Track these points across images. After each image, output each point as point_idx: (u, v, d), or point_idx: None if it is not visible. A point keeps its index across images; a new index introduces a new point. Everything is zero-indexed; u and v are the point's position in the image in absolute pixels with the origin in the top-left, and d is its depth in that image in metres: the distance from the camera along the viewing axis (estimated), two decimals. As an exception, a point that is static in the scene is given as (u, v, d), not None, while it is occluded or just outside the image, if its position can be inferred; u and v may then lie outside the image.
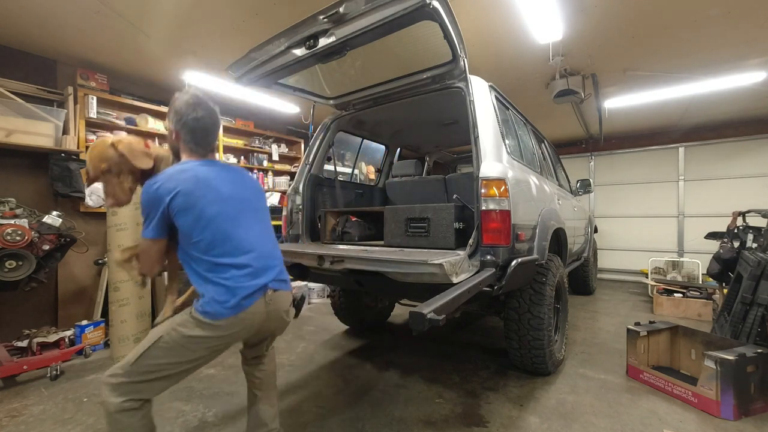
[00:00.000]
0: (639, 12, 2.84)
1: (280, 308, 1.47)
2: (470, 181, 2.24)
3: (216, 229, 1.35)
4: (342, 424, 2.03)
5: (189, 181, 1.35)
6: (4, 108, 3.08)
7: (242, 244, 1.39)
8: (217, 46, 3.31)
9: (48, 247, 2.80)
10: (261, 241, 1.47)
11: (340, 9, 1.75)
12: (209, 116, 1.49)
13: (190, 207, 1.32)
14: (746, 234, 3.43)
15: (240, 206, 1.46)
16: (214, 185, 1.40)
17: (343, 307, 3.55)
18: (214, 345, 1.35)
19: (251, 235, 1.44)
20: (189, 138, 1.46)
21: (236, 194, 1.46)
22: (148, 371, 1.28)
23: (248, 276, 1.35)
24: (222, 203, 1.39)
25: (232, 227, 1.38)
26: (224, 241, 1.35)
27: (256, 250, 1.42)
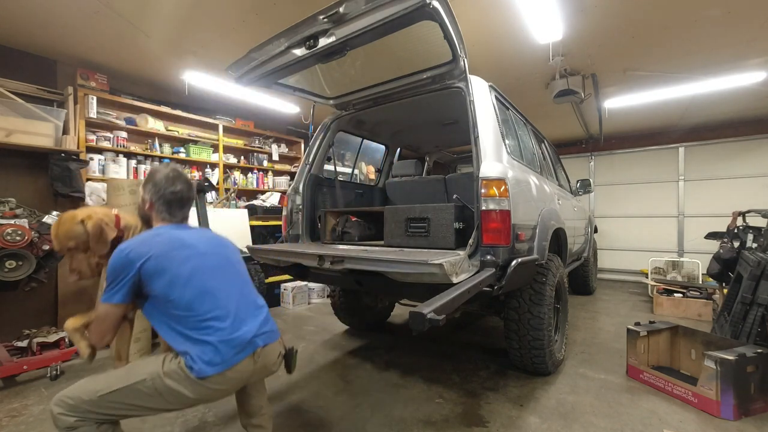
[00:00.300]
0: (639, 12, 2.84)
1: (268, 363, 1.45)
2: (470, 181, 2.23)
3: (195, 285, 1.32)
4: (342, 424, 2.03)
5: (162, 244, 1.34)
6: (4, 108, 3.08)
7: (224, 298, 1.36)
8: (217, 46, 3.31)
9: (48, 247, 2.80)
10: (243, 293, 1.46)
11: (340, 9, 1.75)
12: (187, 189, 1.53)
13: (164, 269, 1.29)
14: (746, 234, 3.43)
15: (217, 261, 1.45)
16: (188, 243, 1.41)
17: (343, 307, 3.55)
18: (193, 402, 1.30)
19: (233, 289, 1.43)
20: (164, 209, 1.49)
21: (212, 250, 1.47)
22: (116, 407, 1.24)
23: (233, 330, 1.32)
24: (198, 258, 1.39)
25: (212, 281, 1.37)
26: (205, 296, 1.32)
27: (239, 303, 1.40)
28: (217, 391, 1.31)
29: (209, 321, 1.30)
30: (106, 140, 3.82)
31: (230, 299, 1.38)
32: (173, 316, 1.30)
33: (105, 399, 1.22)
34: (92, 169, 3.66)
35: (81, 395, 1.22)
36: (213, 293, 1.35)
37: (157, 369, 1.26)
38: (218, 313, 1.32)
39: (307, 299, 4.88)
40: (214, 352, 1.25)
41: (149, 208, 1.51)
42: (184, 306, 1.29)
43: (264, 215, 4.72)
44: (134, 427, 2.03)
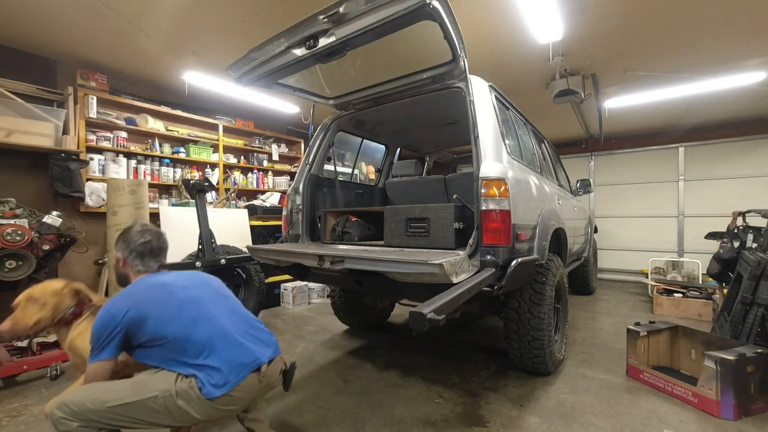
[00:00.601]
0: (639, 12, 2.84)
1: (272, 381, 1.49)
2: (470, 181, 2.24)
3: (186, 315, 1.35)
4: (342, 424, 2.03)
5: (141, 292, 1.39)
6: (4, 108, 3.08)
7: (219, 322, 1.40)
8: (217, 46, 3.32)
9: (48, 247, 2.80)
10: (237, 314, 1.50)
11: (340, 9, 1.75)
12: (156, 238, 1.58)
13: (148, 313, 1.31)
14: (746, 234, 3.43)
15: (202, 290, 1.49)
16: (168, 282, 1.45)
17: (343, 307, 3.55)
18: (200, 422, 1.32)
19: (225, 312, 1.46)
20: (138, 262, 1.53)
21: (193, 283, 1.51)
22: (122, 419, 1.25)
23: (235, 351, 1.36)
24: (183, 292, 1.42)
25: (202, 309, 1.40)
26: (198, 323, 1.35)
27: (235, 325, 1.43)
28: (224, 411, 1.34)
29: (209, 345, 1.32)
30: (106, 140, 3.82)
31: (225, 322, 1.41)
32: (173, 350, 1.31)
33: (113, 410, 1.22)
34: (92, 169, 3.66)
35: (86, 403, 1.21)
36: (206, 318, 1.38)
37: (169, 387, 1.27)
38: (216, 336, 1.35)
39: (307, 299, 4.88)
40: (218, 374, 1.28)
41: (123, 265, 1.55)
42: (181, 338, 1.31)
43: (264, 215, 4.72)
44: (134, 427, 2.02)
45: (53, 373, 2.64)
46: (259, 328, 1.53)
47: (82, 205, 3.54)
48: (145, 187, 3.28)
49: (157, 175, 4.22)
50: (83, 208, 3.55)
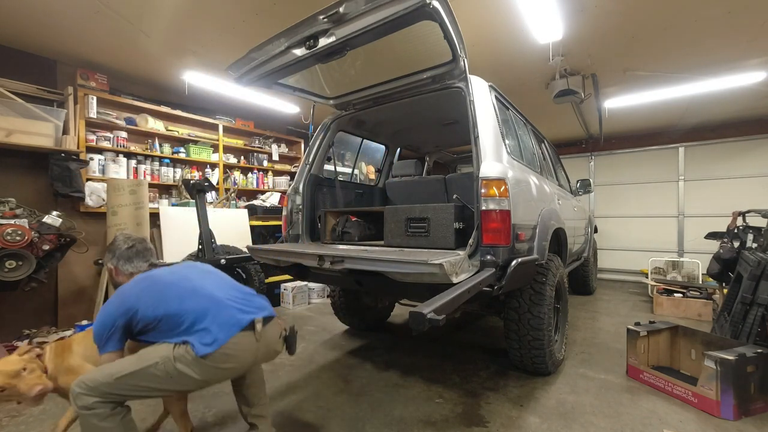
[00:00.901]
0: (639, 12, 2.84)
1: (271, 342, 1.54)
2: (470, 181, 2.24)
3: (175, 292, 1.44)
4: (342, 424, 2.03)
5: (130, 288, 1.47)
6: (4, 108, 3.08)
7: (207, 293, 1.47)
8: (217, 46, 3.32)
9: (48, 247, 2.80)
10: (225, 284, 1.59)
11: (340, 9, 1.75)
12: (139, 242, 1.70)
13: (142, 301, 1.40)
14: (746, 234, 3.43)
15: (189, 270, 1.61)
16: (155, 273, 1.55)
17: (343, 307, 3.55)
18: (206, 383, 1.41)
19: (213, 284, 1.55)
20: (127, 266, 1.64)
21: (183, 266, 1.64)
22: (131, 388, 1.32)
23: (224, 312, 1.42)
24: (169, 275, 1.53)
25: (189, 284, 1.49)
26: (187, 297, 1.43)
27: (223, 293, 1.51)
28: (222, 370, 1.39)
29: (199, 314, 1.40)
30: (106, 140, 3.82)
31: (213, 291, 1.50)
32: (167, 328, 1.39)
33: (120, 381, 1.30)
34: (92, 169, 3.66)
35: (98, 378, 1.30)
36: (193, 291, 1.47)
37: (167, 354, 1.34)
38: (205, 303, 1.43)
39: (307, 299, 4.88)
40: (209, 334, 1.36)
41: (116, 273, 1.66)
42: (172, 314, 1.39)
43: (264, 215, 4.72)
44: (134, 427, 2.02)
45: (53, 373, 2.64)
46: (250, 293, 1.60)
47: (82, 205, 3.54)
48: (145, 187, 3.28)
49: (157, 175, 4.22)
50: (83, 208, 3.55)
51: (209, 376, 1.38)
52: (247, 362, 1.47)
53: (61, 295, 3.44)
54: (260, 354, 1.50)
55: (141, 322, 1.39)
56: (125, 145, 3.93)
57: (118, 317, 1.38)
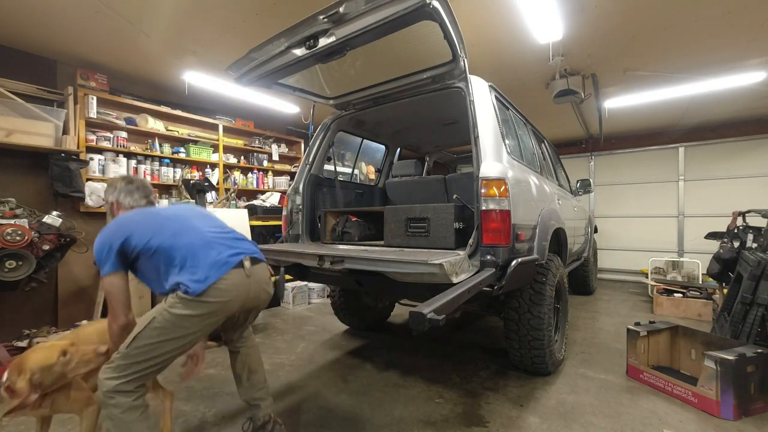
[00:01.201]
0: (639, 12, 2.84)
1: (261, 280, 1.64)
2: (470, 181, 2.24)
3: (171, 227, 1.52)
4: (342, 424, 2.03)
5: (129, 217, 1.57)
6: (4, 108, 3.08)
7: (199, 233, 1.55)
8: (217, 46, 3.31)
9: (48, 247, 2.80)
10: (216, 227, 1.65)
11: (340, 9, 1.75)
12: (140, 180, 1.77)
13: (137, 231, 1.48)
14: (746, 234, 3.43)
15: (185, 211, 1.68)
16: (155, 210, 1.67)
17: (343, 307, 3.55)
18: (206, 321, 1.45)
19: (205, 225, 1.61)
20: (128, 199, 1.70)
21: (181, 207, 1.74)
22: (143, 352, 1.36)
23: (213, 251, 1.49)
24: (166, 211, 1.64)
25: (184, 222, 1.57)
26: (180, 234, 1.51)
27: (214, 235, 1.58)
28: (218, 303, 1.44)
29: (192, 252, 1.46)
30: (106, 140, 3.82)
31: (207, 232, 1.57)
32: (162, 261, 1.46)
33: (131, 348, 1.36)
34: (92, 169, 3.66)
35: (115, 356, 1.38)
36: (189, 229, 1.54)
37: (161, 306, 1.42)
38: (198, 242, 1.50)
39: (307, 299, 4.88)
40: (200, 271, 1.42)
41: (117, 208, 1.71)
42: (166, 247, 1.46)
43: (264, 215, 4.72)
44: (134, 427, 2.02)
45: (53, 373, 2.64)
46: (240, 238, 1.68)
47: (82, 205, 3.54)
48: (145, 187, 3.28)
49: (157, 175, 4.22)
50: (83, 208, 3.55)
51: (208, 311, 1.42)
52: (241, 297, 1.53)
53: (61, 295, 3.44)
54: (252, 291, 1.58)
55: (135, 249, 1.45)
56: (125, 145, 3.93)
57: (114, 240, 1.44)
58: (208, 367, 2.83)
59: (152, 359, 1.37)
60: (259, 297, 1.64)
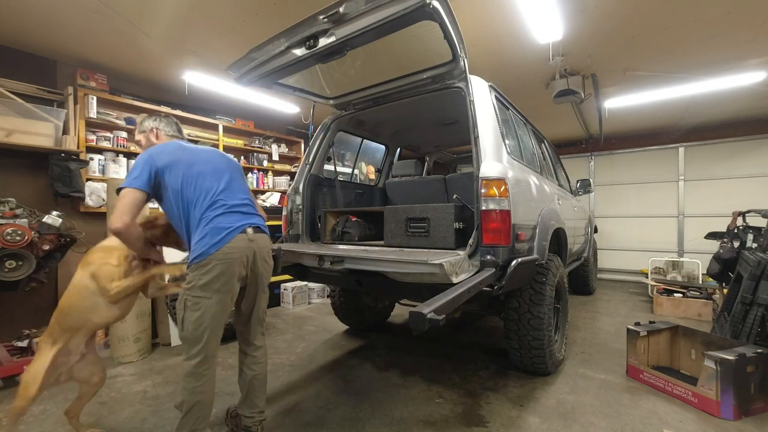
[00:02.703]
0: (639, 12, 2.84)
1: (262, 248, 1.75)
2: (470, 181, 2.23)
3: (198, 184, 1.64)
4: (342, 424, 2.03)
5: (170, 146, 1.71)
6: (4, 108, 3.08)
7: (222, 197, 1.67)
8: (217, 46, 3.31)
9: (48, 247, 2.79)
10: (238, 195, 1.74)
11: (340, 9, 1.75)
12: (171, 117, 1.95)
13: (172, 161, 1.63)
14: (746, 234, 3.43)
15: (216, 166, 1.75)
16: (194, 151, 1.75)
17: (343, 307, 3.55)
18: (222, 281, 1.57)
19: (229, 190, 1.71)
20: (169, 128, 1.87)
21: (212, 158, 1.77)
22: (194, 329, 1.54)
23: (226, 220, 1.63)
24: (201, 165, 1.70)
25: (212, 182, 1.67)
26: (206, 194, 1.64)
27: (234, 194, 1.72)
28: (229, 263, 1.58)
29: (209, 215, 1.60)
30: (106, 140, 3.82)
31: (225, 187, 1.69)
32: (184, 202, 1.62)
33: (185, 330, 1.57)
34: (92, 169, 3.66)
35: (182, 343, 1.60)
36: (213, 176, 1.69)
37: (182, 290, 1.60)
38: (215, 196, 1.65)
39: (307, 299, 4.88)
40: (210, 235, 1.58)
41: (156, 134, 1.84)
42: (189, 202, 1.61)
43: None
44: (134, 427, 2.03)
45: (53, 373, 2.64)
46: (251, 205, 1.79)
47: (82, 205, 3.54)
48: (145, 187, 3.28)
49: (157, 175, 4.22)
50: (83, 208, 3.54)
51: (221, 270, 1.56)
52: (243, 257, 1.64)
53: (61, 295, 3.44)
54: (256, 254, 1.70)
55: (162, 176, 1.61)
56: (125, 145, 3.93)
57: (145, 164, 1.59)
58: (208, 367, 2.83)
59: (205, 331, 1.55)
60: (261, 267, 1.75)
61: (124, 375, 2.71)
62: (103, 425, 2.05)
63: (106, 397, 2.37)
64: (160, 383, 2.56)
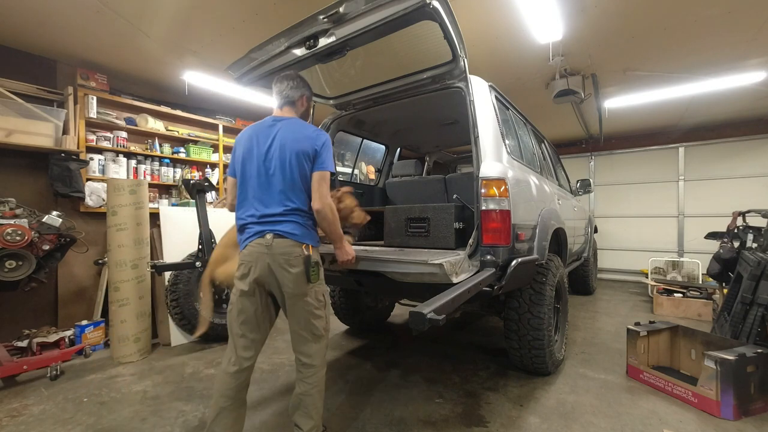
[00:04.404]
0: (639, 12, 2.84)
1: (279, 254, 1.58)
2: (470, 181, 2.24)
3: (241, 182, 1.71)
4: (342, 424, 2.03)
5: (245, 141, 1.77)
6: (4, 108, 3.08)
7: (249, 199, 1.67)
8: (217, 46, 3.31)
9: (48, 247, 2.80)
10: (262, 201, 1.65)
11: (340, 9, 1.75)
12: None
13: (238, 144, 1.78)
14: (746, 234, 3.43)
15: (261, 161, 1.67)
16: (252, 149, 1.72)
17: (343, 307, 3.55)
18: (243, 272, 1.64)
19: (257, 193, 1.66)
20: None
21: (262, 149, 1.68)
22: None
23: (249, 223, 1.65)
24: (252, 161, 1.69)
25: (248, 182, 1.68)
26: (242, 193, 1.70)
27: (255, 206, 1.65)
28: (249, 262, 1.62)
29: (241, 215, 1.69)
30: (106, 140, 3.81)
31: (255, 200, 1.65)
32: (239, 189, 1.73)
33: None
34: (92, 169, 3.66)
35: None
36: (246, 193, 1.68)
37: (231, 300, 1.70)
38: (245, 211, 1.67)
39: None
40: (240, 233, 1.69)
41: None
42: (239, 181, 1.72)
43: (264, 215, 4.71)
44: (134, 427, 2.03)
45: (53, 373, 2.65)
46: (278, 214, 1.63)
47: (82, 205, 3.53)
48: (145, 187, 3.28)
49: (157, 175, 4.21)
50: (83, 208, 3.54)
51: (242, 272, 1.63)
52: (258, 260, 1.61)
53: (61, 295, 3.44)
54: (273, 262, 1.59)
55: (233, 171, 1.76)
56: (125, 145, 3.93)
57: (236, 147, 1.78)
58: (209, 366, 2.83)
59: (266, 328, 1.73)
60: (281, 275, 1.59)
61: (124, 375, 2.71)
62: (103, 425, 2.05)
63: (106, 397, 2.37)
64: (160, 383, 2.56)
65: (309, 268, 1.60)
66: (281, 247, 1.59)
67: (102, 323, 3.30)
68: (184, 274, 3.30)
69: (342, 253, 1.83)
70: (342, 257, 1.83)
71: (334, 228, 1.71)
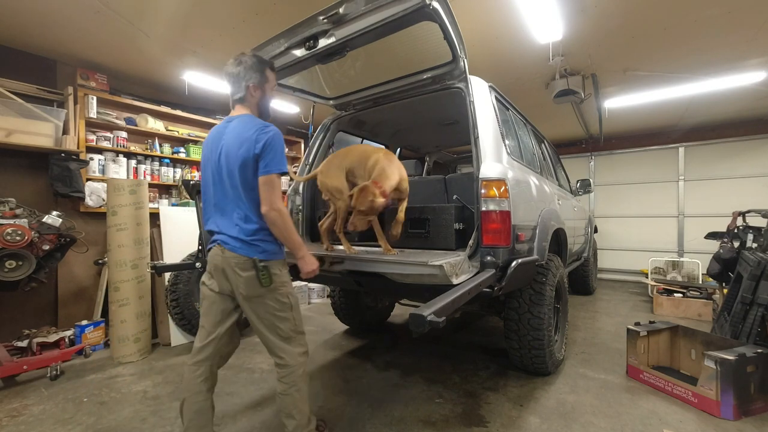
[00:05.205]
0: (639, 12, 2.84)
1: (231, 258, 1.57)
2: (470, 181, 2.24)
3: (204, 189, 1.73)
4: (342, 424, 2.03)
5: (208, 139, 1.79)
6: (4, 108, 3.08)
7: (209, 208, 1.71)
8: (217, 46, 3.31)
9: (48, 247, 2.80)
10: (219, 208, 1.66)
11: (340, 9, 1.75)
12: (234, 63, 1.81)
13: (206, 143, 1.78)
14: (746, 234, 3.43)
15: (214, 168, 1.66)
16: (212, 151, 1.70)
17: (343, 307, 3.55)
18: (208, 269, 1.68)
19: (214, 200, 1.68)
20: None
21: (214, 156, 1.65)
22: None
23: (211, 229, 1.69)
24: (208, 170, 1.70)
25: (208, 190, 1.70)
26: (206, 201, 1.73)
27: (215, 214, 1.68)
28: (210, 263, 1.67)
29: (206, 210, 1.73)
30: (106, 140, 3.81)
31: (212, 210, 1.69)
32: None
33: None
34: (92, 169, 3.66)
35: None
36: (207, 202, 1.72)
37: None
38: (207, 209, 1.71)
39: (307, 299, 4.88)
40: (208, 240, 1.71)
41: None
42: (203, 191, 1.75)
43: (264, 215, 4.71)
44: (134, 427, 2.03)
45: (53, 373, 2.65)
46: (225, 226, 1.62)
47: (82, 205, 3.53)
48: (145, 187, 3.28)
49: (157, 175, 4.21)
50: (83, 208, 3.54)
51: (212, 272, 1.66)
52: (217, 269, 1.62)
53: (61, 295, 3.44)
54: (227, 267, 1.58)
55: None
56: (125, 145, 3.92)
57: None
58: (209, 367, 2.83)
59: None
60: (234, 280, 1.58)
61: (124, 375, 2.71)
62: (103, 425, 2.05)
63: (106, 397, 2.37)
64: (160, 383, 2.56)
65: (259, 273, 1.55)
66: (232, 255, 1.58)
67: (102, 323, 3.30)
68: (184, 274, 3.30)
69: (303, 264, 1.68)
70: (304, 268, 1.69)
71: (287, 234, 1.57)
